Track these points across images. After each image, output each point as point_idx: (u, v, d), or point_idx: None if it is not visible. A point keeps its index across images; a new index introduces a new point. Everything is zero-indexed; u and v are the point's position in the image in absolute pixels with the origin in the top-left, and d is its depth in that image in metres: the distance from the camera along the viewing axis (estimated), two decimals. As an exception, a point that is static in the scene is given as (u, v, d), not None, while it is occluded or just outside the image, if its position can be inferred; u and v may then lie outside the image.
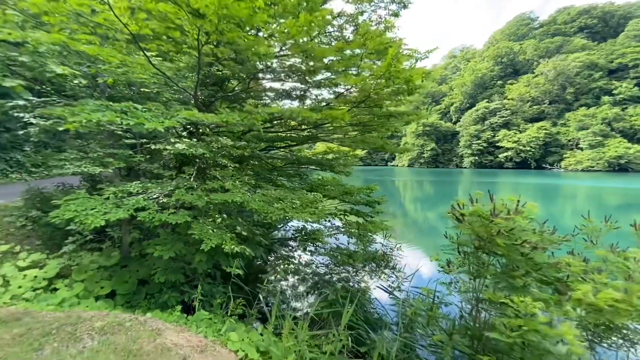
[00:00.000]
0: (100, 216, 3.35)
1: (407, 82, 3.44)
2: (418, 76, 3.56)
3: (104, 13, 2.58)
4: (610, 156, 63.62)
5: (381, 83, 3.42)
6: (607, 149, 65.19)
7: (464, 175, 62.39)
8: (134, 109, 2.64)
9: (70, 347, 2.69)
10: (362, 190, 7.57)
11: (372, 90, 3.59)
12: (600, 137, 67.64)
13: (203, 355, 2.80)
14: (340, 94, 4.17)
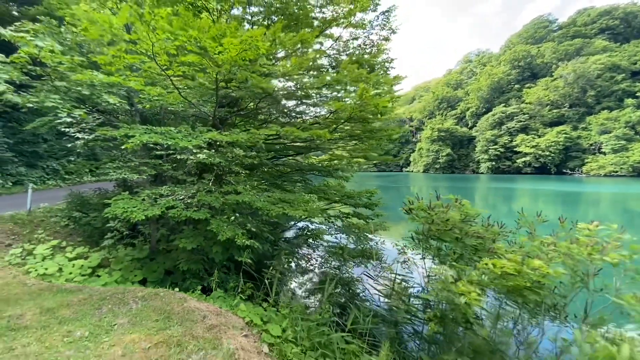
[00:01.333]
0: (141, 212, 4.29)
1: (376, 106, 4.26)
2: (385, 102, 4.38)
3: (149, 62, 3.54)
4: (635, 160, 61.35)
5: (356, 107, 4.24)
6: (632, 153, 62.86)
7: (480, 180, 61.61)
8: (170, 132, 3.58)
9: (121, 307, 3.62)
10: (362, 194, 8.36)
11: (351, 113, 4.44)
12: (624, 141, 65.31)
13: (218, 317, 3.68)
14: (325, 114, 5.02)
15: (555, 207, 26.39)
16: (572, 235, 3.25)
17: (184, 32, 3.20)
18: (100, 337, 3.00)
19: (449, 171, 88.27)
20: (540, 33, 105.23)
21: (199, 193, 5.12)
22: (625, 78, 76.51)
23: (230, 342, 3.12)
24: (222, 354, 2.90)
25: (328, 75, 4.93)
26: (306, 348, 3.72)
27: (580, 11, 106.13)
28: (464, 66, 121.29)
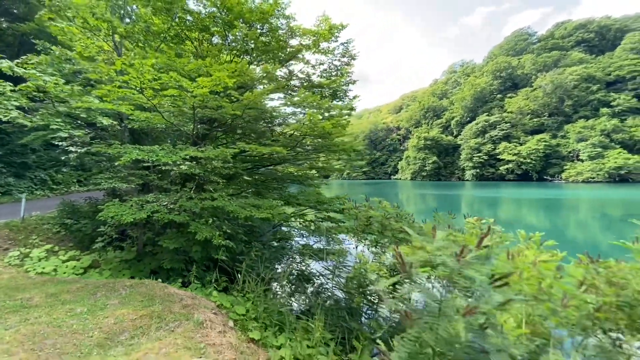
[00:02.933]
0: (130, 215, 5.10)
1: (323, 128, 5.23)
2: (328, 126, 5.35)
3: (138, 94, 4.41)
4: (610, 167, 64.21)
5: (308, 128, 5.20)
6: (607, 160, 65.81)
7: (465, 187, 63.44)
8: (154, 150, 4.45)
9: (112, 293, 4.42)
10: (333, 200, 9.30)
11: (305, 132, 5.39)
12: (600, 149, 68.37)
13: (193, 300, 4.50)
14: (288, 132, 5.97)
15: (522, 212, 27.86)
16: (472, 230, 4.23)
17: (165, 74, 4.10)
18: (96, 312, 3.80)
19: (435, 178, 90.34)
20: (521, 45, 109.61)
21: (181, 199, 5.96)
22: (600, 88, 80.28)
23: (201, 316, 3.96)
24: (193, 323, 3.74)
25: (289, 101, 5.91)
26: (266, 325, 4.57)
27: (558, 24, 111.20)
28: (449, 76, 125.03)
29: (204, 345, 3.34)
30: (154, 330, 3.52)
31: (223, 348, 3.47)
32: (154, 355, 3.01)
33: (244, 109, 5.18)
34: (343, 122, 6.00)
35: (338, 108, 6.55)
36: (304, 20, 7.90)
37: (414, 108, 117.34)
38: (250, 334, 4.19)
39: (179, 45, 7.79)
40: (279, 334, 4.47)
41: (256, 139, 6.81)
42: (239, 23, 6.31)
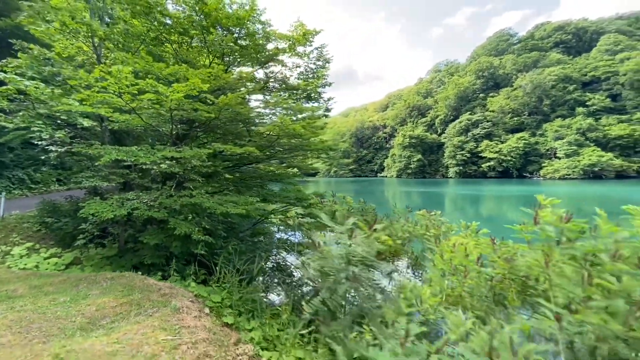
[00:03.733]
0: (110, 212, 5.38)
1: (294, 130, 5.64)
2: (299, 128, 5.76)
3: (117, 98, 4.69)
4: (584, 164, 66.96)
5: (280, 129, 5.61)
6: (582, 157, 68.60)
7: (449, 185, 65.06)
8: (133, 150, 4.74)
9: (94, 284, 4.72)
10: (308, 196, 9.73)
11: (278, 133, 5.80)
12: (576, 146, 71.16)
13: (171, 290, 4.84)
14: (260, 133, 6.34)
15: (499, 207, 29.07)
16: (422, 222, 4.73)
17: (142, 80, 4.40)
18: (78, 301, 4.11)
19: (420, 176, 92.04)
20: (502, 46, 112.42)
21: (160, 197, 6.26)
22: (577, 88, 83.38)
23: (178, 303, 4.31)
24: (170, 309, 4.09)
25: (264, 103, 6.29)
26: (240, 311, 4.96)
27: (538, 26, 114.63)
28: (434, 75, 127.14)
29: (179, 327, 3.70)
30: (133, 316, 3.86)
31: (197, 329, 3.84)
32: (132, 335, 3.36)
33: (219, 112, 5.52)
34: (315, 123, 6.42)
35: (310, 110, 6.96)
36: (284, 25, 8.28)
37: (399, 106, 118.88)
38: (225, 318, 4.58)
39: (159, 48, 8.03)
40: (252, 319, 4.86)
41: (233, 139, 7.15)
42: (216, 30, 6.62)
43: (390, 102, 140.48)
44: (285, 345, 3.89)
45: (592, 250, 1.92)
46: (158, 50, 8.10)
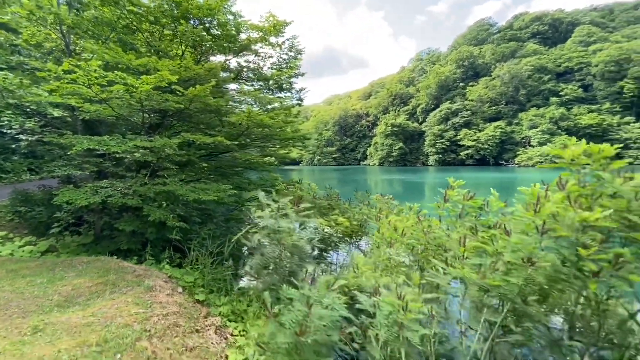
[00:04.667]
0: (84, 200, 5.57)
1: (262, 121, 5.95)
2: (267, 119, 6.07)
3: (87, 89, 4.80)
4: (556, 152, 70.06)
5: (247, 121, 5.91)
6: (554, 145, 71.71)
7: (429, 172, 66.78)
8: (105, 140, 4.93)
9: (70, 268, 4.97)
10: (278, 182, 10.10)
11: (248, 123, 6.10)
12: (548, 135, 74.24)
13: (145, 271, 5.16)
14: (231, 123, 6.61)
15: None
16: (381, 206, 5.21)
17: (111, 73, 4.56)
18: (55, 282, 4.38)
19: (401, 164, 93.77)
20: (482, 35, 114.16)
21: (134, 185, 6.47)
22: (551, 79, 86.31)
23: (151, 282, 4.64)
24: (144, 287, 4.43)
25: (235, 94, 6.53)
26: (212, 290, 5.35)
27: (517, 16, 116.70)
28: (416, 64, 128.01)
29: (152, 303, 4.06)
30: (108, 294, 4.18)
31: (169, 305, 4.21)
32: (106, 309, 3.70)
33: (189, 102, 5.74)
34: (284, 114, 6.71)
35: (278, 101, 7.24)
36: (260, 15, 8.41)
37: (382, 95, 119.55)
38: (196, 296, 4.96)
39: (130, 36, 8.04)
40: (223, 297, 5.26)
41: (205, 128, 7.36)
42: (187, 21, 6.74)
43: (374, 91, 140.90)
44: (249, 317, 4.32)
45: (482, 222, 2.40)
46: (130, 39, 8.10)
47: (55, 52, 8.74)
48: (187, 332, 3.70)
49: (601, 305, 2.08)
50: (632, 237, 1.79)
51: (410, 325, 1.85)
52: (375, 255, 3.18)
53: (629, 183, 1.91)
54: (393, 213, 4.65)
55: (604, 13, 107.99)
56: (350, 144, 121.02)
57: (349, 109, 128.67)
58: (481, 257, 2.15)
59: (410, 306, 1.87)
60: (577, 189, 2.02)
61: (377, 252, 3.16)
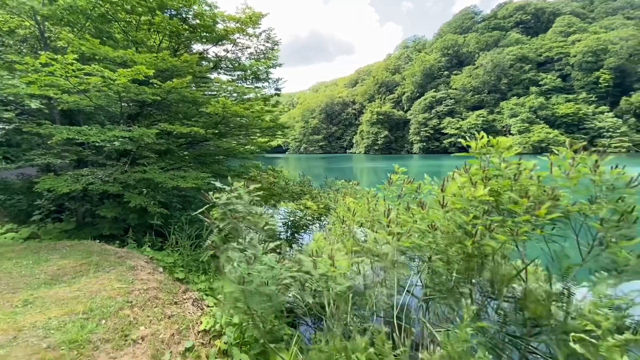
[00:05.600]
0: (66, 187, 5.81)
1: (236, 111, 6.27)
2: (241, 109, 6.40)
3: (64, 81, 4.98)
4: (534, 140, 72.45)
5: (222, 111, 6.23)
6: (532, 134, 74.07)
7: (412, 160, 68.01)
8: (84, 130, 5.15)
9: (54, 251, 5.27)
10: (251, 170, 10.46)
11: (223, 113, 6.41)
12: (527, 124, 76.48)
13: (127, 253, 5.51)
14: (207, 113, 6.90)
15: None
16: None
17: (88, 66, 4.76)
18: (40, 263, 4.69)
19: (386, 152, 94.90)
20: (467, 23, 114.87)
21: (115, 173, 6.73)
22: (532, 68, 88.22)
23: (133, 263, 5.01)
24: (126, 267, 4.80)
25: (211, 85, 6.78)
26: (191, 269, 5.76)
27: (501, 5, 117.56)
28: (402, 52, 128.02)
29: (133, 280, 4.44)
30: (92, 273, 4.53)
31: (149, 282, 4.60)
32: (91, 285, 4.07)
33: (166, 94, 5.99)
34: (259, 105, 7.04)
35: (253, 92, 7.55)
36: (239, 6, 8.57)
37: (368, 83, 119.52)
38: (176, 275, 5.36)
39: (106, 25, 8.10)
40: (202, 275, 5.68)
41: (182, 118, 7.61)
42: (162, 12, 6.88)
43: (360, 78, 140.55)
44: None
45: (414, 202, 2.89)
46: (106, 27, 8.16)
47: (30, 39, 8.70)
48: (166, 303, 4.12)
49: (498, 267, 2.62)
50: (511, 208, 2.30)
51: (336, 278, 2.33)
52: (332, 232, 3.65)
53: (511, 167, 2.42)
54: (356, 197, 5.13)
55: (585, 3, 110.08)
56: (336, 132, 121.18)
57: (336, 96, 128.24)
58: (402, 227, 2.64)
59: (337, 264, 2.35)
60: (475, 172, 2.52)
61: (334, 229, 3.63)
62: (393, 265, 2.59)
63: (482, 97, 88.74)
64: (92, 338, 2.96)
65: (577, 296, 2.53)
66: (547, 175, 2.49)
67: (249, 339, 3.45)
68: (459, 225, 2.29)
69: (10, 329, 2.95)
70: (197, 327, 3.77)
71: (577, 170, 2.42)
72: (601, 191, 2.46)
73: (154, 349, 3.10)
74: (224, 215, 2.83)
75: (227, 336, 3.44)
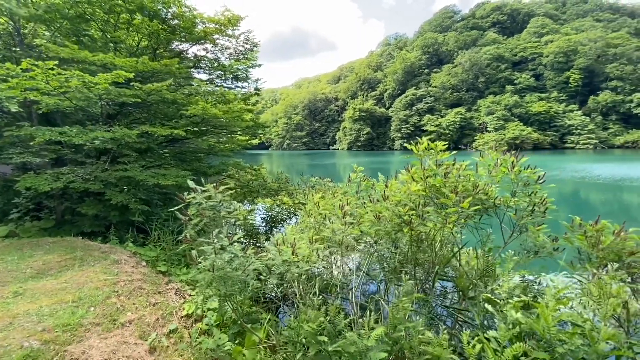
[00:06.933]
0: (47, 185, 5.97)
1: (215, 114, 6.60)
2: (219, 112, 6.72)
3: (44, 84, 5.13)
4: (509, 137, 75.35)
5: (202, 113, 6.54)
6: (507, 131, 77.00)
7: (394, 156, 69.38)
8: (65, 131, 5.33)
9: (37, 247, 5.46)
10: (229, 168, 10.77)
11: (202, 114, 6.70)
12: (503, 121, 79.37)
13: (111, 249, 5.75)
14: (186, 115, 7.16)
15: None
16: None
17: (69, 71, 4.95)
18: (25, 259, 4.89)
19: (369, 148, 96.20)
20: (447, 22, 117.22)
21: (96, 171, 6.90)
22: (508, 67, 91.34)
23: (116, 257, 5.28)
24: (110, 260, 5.07)
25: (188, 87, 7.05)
26: (173, 263, 6.07)
27: (479, 5, 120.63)
28: (384, 49, 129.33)
29: (118, 272, 4.73)
30: (77, 267, 4.78)
31: (134, 274, 4.90)
32: (77, 278, 4.34)
33: (146, 96, 6.22)
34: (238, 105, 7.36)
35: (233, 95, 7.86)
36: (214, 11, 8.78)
37: (351, 79, 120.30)
38: (159, 268, 5.66)
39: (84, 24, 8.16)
40: (185, 268, 6.00)
41: (162, 119, 7.83)
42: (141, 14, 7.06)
43: (343, 75, 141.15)
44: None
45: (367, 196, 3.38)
46: (84, 27, 8.22)
47: (4, 35, 8.62)
48: (150, 293, 4.45)
49: (440, 250, 3.14)
50: (443, 201, 2.80)
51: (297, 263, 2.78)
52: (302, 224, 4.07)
53: (442, 167, 2.92)
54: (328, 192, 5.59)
55: (557, 5, 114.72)
56: (319, 128, 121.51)
57: (318, 93, 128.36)
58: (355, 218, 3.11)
59: (298, 251, 2.79)
60: (415, 171, 3.01)
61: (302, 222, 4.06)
62: (347, 250, 3.05)
63: (461, 95, 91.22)
64: (83, 322, 3.28)
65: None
66: (473, 174, 3.01)
67: (228, 321, 3.85)
68: (398, 215, 2.76)
69: (5, 317, 3.23)
70: (180, 312, 4.13)
71: (500, 170, 2.94)
72: (518, 187, 2.99)
73: (140, 331, 3.46)
74: (197, 213, 3.21)
75: (208, 318, 3.83)
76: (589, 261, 2.93)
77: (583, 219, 3.01)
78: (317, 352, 2.62)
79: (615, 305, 2.55)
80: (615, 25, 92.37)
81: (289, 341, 2.98)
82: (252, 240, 6.06)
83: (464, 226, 3.08)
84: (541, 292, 2.78)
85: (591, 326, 1.90)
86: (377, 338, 2.38)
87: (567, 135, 75.99)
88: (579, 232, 2.90)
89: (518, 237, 3.12)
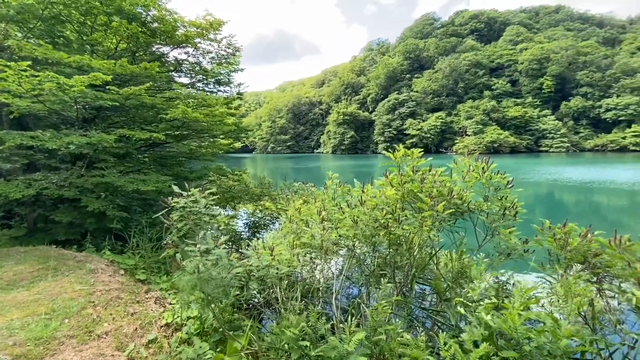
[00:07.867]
0: (18, 192, 5.72)
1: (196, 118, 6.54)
2: (201, 116, 6.68)
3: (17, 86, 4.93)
4: (487, 141, 77.85)
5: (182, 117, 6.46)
6: (486, 135, 79.51)
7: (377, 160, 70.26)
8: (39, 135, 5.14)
9: (7, 258, 5.23)
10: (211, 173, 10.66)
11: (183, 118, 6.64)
12: (481, 125, 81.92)
13: (86, 257, 5.57)
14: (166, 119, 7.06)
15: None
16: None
17: (43, 73, 4.79)
18: (-6, 270, 4.67)
19: (353, 152, 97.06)
20: (427, 29, 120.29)
21: (71, 177, 6.68)
22: (485, 73, 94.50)
23: (93, 266, 5.12)
24: (86, 270, 4.91)
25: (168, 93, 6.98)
26: (152, 271, 5.93)
27: (458, 12, 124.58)
28: (367, 54, 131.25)
29: (94, 282, 4.60)
30: (51, 277, 4.61)
31: (111, 283, 4.77)
32: (51, 288, 4.19)
33: (124, 100, 6.09)
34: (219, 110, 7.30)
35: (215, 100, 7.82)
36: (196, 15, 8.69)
37: (335, 83, 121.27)
38: (138, 276, 5.53)
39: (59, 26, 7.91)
40: (164, 276, 5.88)
41: (141, 123, 7.67)
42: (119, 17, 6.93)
43: (327, 79, 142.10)
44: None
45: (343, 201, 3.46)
46: (58, 28, 7.97)
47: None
48: (129, 302, 4.34)
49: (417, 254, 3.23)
50: (419, 206, 2.90)
51: (277, 267, 2.81)
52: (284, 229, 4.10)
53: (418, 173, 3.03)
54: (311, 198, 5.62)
55: (531, 15, 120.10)
56: (304, 131, 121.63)
57: (303, 96, 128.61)
58: (333, 222, 3.19)
59: (277, 257, 2.82)
60: (393, 177, 3.11)
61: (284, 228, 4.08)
62: (327, 255, 3.10)
63: (441, 100, 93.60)
64: (56, 335, 3.17)
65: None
66: (448, 179, 3.13)
67: (209, 328, 3.81)
68: (375, 219, 2.84)
69: (-28, 331, 3.08)
70: (159, 322, 4.05)
71: (472, 175, 3.06)
72: (489, 191, 3.13)
73: (118, 342, 3.37)
74: (182, 217, 3.18)
75: (188, 327, 3.77)
76: (557, 262, 3.10)
77: (556, 220, 3.19)
78: (300, 357, 2.64)
79: (581, 303, 2.71)
80: (585, 34, 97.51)
81: (271, 347, 2.99)
82: (234, 246, 6.00)
83: (440, 230, 3.19)
84: (511, 293, 2.91)
85: (555, 324, 2.02)
86: (358, 342, 2.43)
87: (542, 139, 79.20)
88: (549, 234, 3.07)
89: (491, 239, 3.26)
